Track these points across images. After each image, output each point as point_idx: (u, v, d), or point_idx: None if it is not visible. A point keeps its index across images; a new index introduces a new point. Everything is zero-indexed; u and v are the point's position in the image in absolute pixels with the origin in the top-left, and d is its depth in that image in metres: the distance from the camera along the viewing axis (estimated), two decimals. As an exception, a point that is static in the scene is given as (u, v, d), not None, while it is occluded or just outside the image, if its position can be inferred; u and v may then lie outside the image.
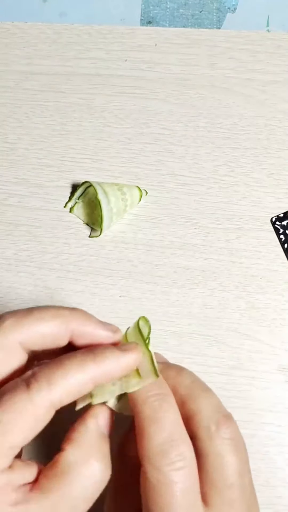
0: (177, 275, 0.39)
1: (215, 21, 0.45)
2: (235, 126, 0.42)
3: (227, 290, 0.39)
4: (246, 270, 0.39)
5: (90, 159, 0.41)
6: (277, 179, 0.41)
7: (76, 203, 0.40)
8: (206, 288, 0.39)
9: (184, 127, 0.42)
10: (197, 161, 0.41)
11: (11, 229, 0.40)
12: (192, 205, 0.41)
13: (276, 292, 0.39)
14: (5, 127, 0.42)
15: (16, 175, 0.41)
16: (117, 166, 0.41)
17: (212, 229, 0.40)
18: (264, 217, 0.40)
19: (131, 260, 0.39)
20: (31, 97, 0.43)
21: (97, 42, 0.44)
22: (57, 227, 0.40)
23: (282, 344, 0.38)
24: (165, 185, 0.41)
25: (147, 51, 0.44)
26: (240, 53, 0.44)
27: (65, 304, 0.38)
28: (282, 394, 0.37)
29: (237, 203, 0.41)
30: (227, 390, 0.37)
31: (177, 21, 0.45)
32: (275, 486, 0.35)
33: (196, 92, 0.43)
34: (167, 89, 0.43)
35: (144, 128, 0.42)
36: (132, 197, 0.39)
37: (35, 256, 0.39)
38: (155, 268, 0.39)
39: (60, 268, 0.39)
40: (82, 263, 0.39)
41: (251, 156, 0.42)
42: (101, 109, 0.42)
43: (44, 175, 0.41)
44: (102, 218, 0.37)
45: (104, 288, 0.39)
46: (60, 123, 0.42)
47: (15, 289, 0.39)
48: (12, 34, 0.44)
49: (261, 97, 0.43)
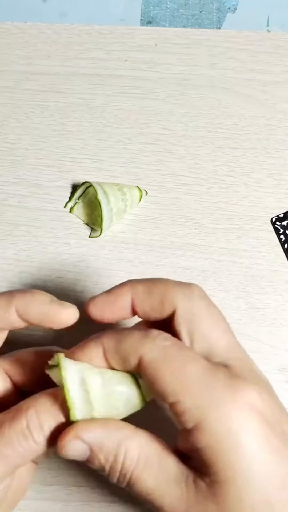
0: (177, 275, 0.39)
1: (215, 21, 0.45)
2: (235, 126, 0.42)
3: (227, 290, 0.39)
4: (246, 270, 0.39)
5: (90, 159, 0.41)
6: (277, 179, 0.41)
7: (76, 203, 0.40)
8: (206, 288, 0.39)
9: (184, 127, 0.42)
10: (197, 161, 0.41)
11: (11, 229, 0.40)
12: (192, 205, 0.40)
13: (276, 293, 0.39)
14: (5, 127, 0.42)
15: (16, 175, 0.41)
16: (117, 166, 0.41)
17: (212, 229, 0.40)
18: (264, 217, 0.40)
19: (131, 260, 0.39)
20: (31, 97, 0.43)
21: (97, 42, 0.44)
22: (57, 227, 0.40)
23: (282, 344, 0.38)
24: (165, 185, 0.41)
25: (147, 51, 0.44)
26: (240, 53, 0.44)
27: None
28: (282, 394, 0.37)
29: (237, 203, 0.41)
30: (227, 390, 0.37)
31: (177, 21, 0.45)
32: (275, 486, 0.35)
33: (196, 92, 0.43)
34: (167, 89, 0.43)
35: (144, 128, 0.42)
36: (132, 197, 0.39)
37: (35, 256, 0.39)
38: (155, 268, 0.39)
39: (60, 268, 0.39)
40: (82, 263, 0.39)
41: (251, 156, 0.42)
42: (101, 109, 0.42)
43: (44, 175, 0.41)
44: (102, 218, 0.37)
45: (104, 289, 0.39)
46: (60, 123, 0.42)
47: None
48: (12, 34, 0.44)
49: (261, 97, 0.43)
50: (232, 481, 0.21)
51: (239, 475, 0.21)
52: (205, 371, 0.22)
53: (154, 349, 0.23)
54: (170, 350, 0.23)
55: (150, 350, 0.23)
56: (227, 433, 0.21)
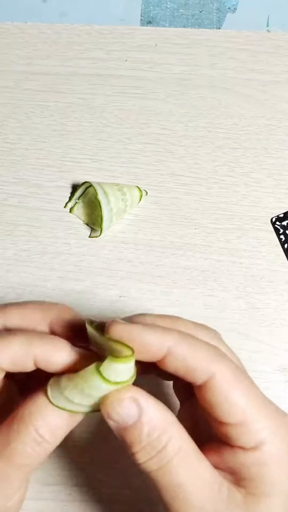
0: (177, 275, 0.39)
1: (215, 21, 0.45)
2: (235, 126, 0.42)
3: (227, 290, 0.39)
4: (246, 270, 0.39)
5: (90, 159, 0.41)
6: (277, 179, 0.41)
7: (76, 203, 0.40)
8: (206, 288, 0.39)
9: (184, 127, 0.42)
10: (197, 161, 0.41)
11: (11, 229, 0.40)
12: (192, 205, 0.40)
13: (276, 293, 0.39)
14: (5, 127, 0.42)
15: (16, 175, 0.41)
16: (117, 166, 0.41)
17: (212, 229, 0.40)
18: (264, 217, 0.40)
19: (131, 260, 0.39)
20: (31, 97, 0.43)
21: (97, 42, 0.44)
22: (57, 227, 0.40)
23: (282, 344, 0.38)
24: (165, 185, 0.41)
25: (147, 51, 0.44)
26: (240, 53, 0.44)
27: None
28: (282, 394, 0.37)
29: (237, 203, 0.41)
30: (227, 390, 0.37)
31: (177, 21, 0.45)
32: (275, 486, 0.35)
33: (196, 92, 0.43)
34: (167, 89, 0.43)
35: (144, 128, 0.42)
36: (132, 197, 0.39)
37: (35, 256, 0.39)
38: (155, 268, 0.39)
39: (60, 268, 0.39)
40: (82, 263, 0.39)
41: (251, 156, 0.42)
42: (101, 109, 0.42)
43: (44, 175, 0.41)
44: (102, 219, 0.37)
45: (104, 289, 0.39)
46: (60, 123, 0.42)
47: (15, 289, 0.39)
48: (12, 34, 0.44)
49: (261, 97, 0.43)
50: (270, 495, 0.23)
51: (278, 491, 0.23)
52: (264, 397, 0.24)
53: (227, 371, 0.23)
54: (240, 372, 0.24)
55: (225, 368, 0.23)
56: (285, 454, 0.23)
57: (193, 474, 0.22)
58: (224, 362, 0.23)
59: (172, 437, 0.22)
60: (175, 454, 0.22)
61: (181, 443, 0.22)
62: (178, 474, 0.22)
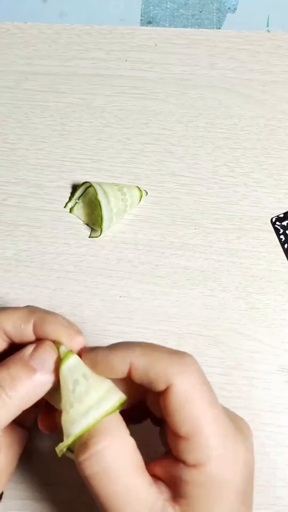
0: (177, 275, 0.39)
1: (215, 21, 0.45)
2: (235, 126, 0.42)
3: (227, 291, 0.39)
4: (246, 270, 0.39)
5: (90, 159, 0.41)
6: (277, 179, 0.41)
7: (76, 203, 0.40)
8: (206, 288, 0.39)
9: (184, 127, 0.42)
10: (197, 161, 0.41)
11: (11, 229, 0.40)
12: (192, 205, 0.40)
13: (276, 293, 0.39)
14: (5, 127, 0.42)
15: (16, 176, 0.41)
16: (117, 166, 0.41)
17: (212, 229, 0.40)
18: (264, 217, 0.40)
19: (131, 260, 0.39)
20: (31, 97, 0.43)
21: (97, 42, 0.44)
22: (57, 227, 0.40)
23: (282, 344, 0.38)
24: (165, 185, 0.41)
25: (147, 51, 0.44)
26: (240, 53, 0.44)
27: (66, 305, 0.38)
28: (282, 394, 0.37)
29: (237, 203, 0.41)
30: (227, 390, 0.37)
31: (177, 21, 0.45)
32: (275, 486, 0.35)
33: (196, 92, 0.43)
34: (167, 89, 0.43)
35: (144, 128, 0.42)
36: (132, 197, 0.39)
37: (35, 256, 0.39)
38: (155, 268, 0.39)
39: (60, 269, 0.39)
40: (82, 263, 0.39)
41: (251, 156, 0.42)
42: (101, 109, 0.42)
43: (44, 175, 0.41)
44: (102, 219, 0.37)
45: (104, 289, 0.39)
46: (60, 123, 0.42)
47: (15, 289, 0.39)
48: (12, 34, 0.44)
49: (261, 97, 0.43)
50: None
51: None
52: (223, 415, 0.24)
53: (185, 382, 0.23)
54: (201, 387, 0.23)
55: (182, 381, 0.23)
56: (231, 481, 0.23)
57: (127, 489, 0.22)
58: (183, 374, 0.23)
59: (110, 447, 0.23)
60: (112, 465, 0.22)
61: (120, 456, 0.23)
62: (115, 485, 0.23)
